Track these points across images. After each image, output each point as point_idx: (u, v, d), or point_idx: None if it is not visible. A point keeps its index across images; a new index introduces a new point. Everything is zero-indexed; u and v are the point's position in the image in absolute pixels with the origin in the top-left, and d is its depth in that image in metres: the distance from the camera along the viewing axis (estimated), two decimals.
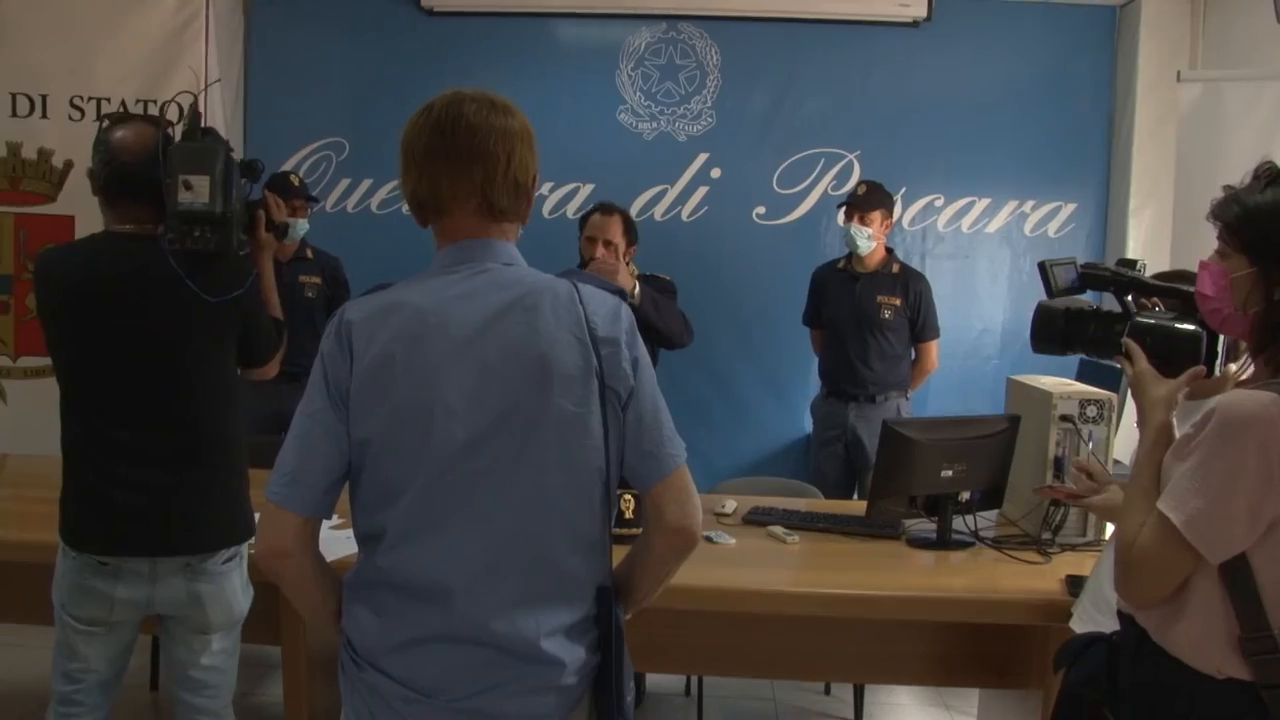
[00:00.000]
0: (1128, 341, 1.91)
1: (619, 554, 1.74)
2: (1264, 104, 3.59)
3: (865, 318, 4.57)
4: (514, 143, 1.62)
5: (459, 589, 1.55)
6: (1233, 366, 1.91)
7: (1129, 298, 2.09)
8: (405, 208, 1.70)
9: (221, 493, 2.40)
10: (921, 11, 5.25)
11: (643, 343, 1.65)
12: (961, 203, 5.42)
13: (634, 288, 3.73)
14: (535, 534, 1.57)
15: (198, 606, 2.38)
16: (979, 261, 5.44)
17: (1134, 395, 1.86)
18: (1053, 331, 2.12)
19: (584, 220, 4.08)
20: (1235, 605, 1.63)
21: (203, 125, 2.36)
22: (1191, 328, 1.92)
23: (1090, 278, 2.14)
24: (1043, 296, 2.17)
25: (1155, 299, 2.17)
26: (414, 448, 1.54)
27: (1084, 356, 2.17)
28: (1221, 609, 1.65)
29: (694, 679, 3.86)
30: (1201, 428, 1.63)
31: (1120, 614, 1.83)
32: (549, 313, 1.57)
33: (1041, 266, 2.15)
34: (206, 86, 4.58)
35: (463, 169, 1.59)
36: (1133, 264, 2.23)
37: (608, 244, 3.93)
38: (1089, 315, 2.09)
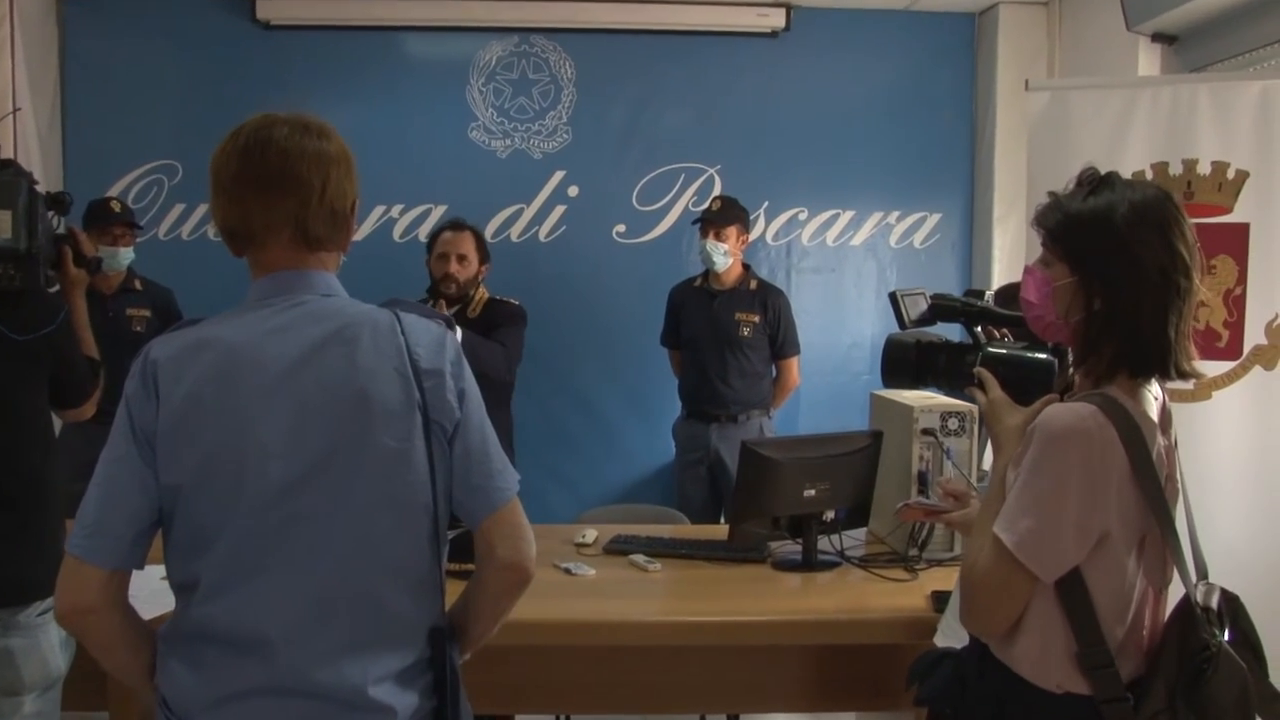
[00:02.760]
0: (980, 371, 1.94)
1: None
2: (1109, 112, 3.74)
3: (724, 335, 4.63)
4: (329, 168, 1.61)
5: (279, 638, 1.52)
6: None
7: (979, 328, 2.13)
8: None
9: (35, 539, 2.32)
10: (780, 21, 5.36)
11: (468, 366, 1.65)
12: (826, 215, 5.54)
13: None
14: (361, 577, 1.56)
15: (9, 664, 2.30)
16: (845, 275, 5.56)
17: (988, 424, 1.90)
18: (904, 364, 2.14)
19: (433, 239, 4.09)
20: (1071, 621, 1.68)
21: (4, 156, 2.34)
22: (1044, 357, 1.97)
23: (941, 309, 2.17)
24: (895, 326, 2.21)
25: (1005, 329, 2.24)
26: (228, 492, 1.52)
27: (937, 391, 2.18)
28: (1059, 625, 1.69)
29: (562, 718, 3.83)
30: (1028, 446, 1.68)
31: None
32: (369, 345, 1.57)
33: (893, 298, 2.18)
34: (14, 112, 4.40)
35: (275, 197, 1.59)
36: (980, 294, 2.26)
37: (461, 259, 3.98)
38: (939, 347, 2.11)
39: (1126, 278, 1.68)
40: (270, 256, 1.62)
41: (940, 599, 2.71)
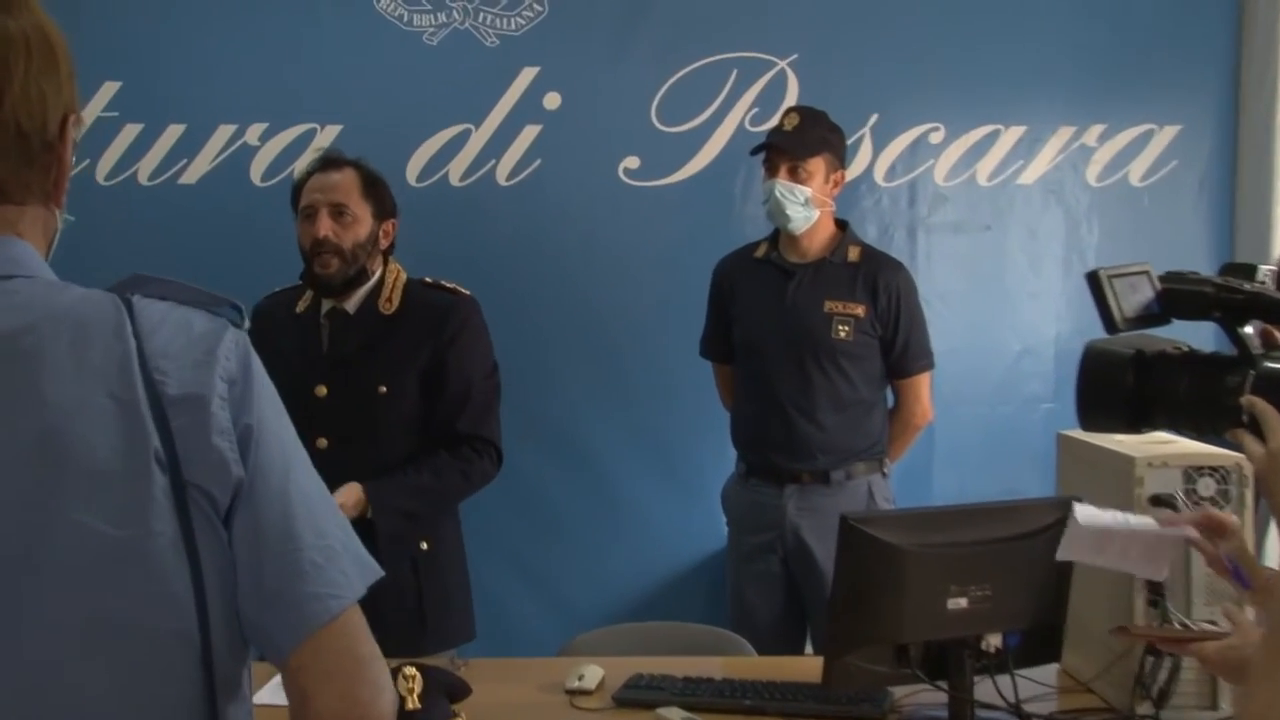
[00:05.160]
0: (1254, 401, 1.88)
1: None
2: None
3: (806, 339, 4.47)
4: (14, 58, 1.55)
5: None
6: None
7: (1248, 329, 2.02)
8: None
9: None
10: None
11: (265, 386, 1.61)
12: (976, 135, 5.37)
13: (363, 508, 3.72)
14: None
15: None
16: (1010, 235, 5.42)
17: (1267, 490, 1.86)
18: (1115, 390, 2.07)
19: (298, 189, 4.01)
20: None
21: None
22: None
23: (1181, 296, 2.07)
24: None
25: None
26: None
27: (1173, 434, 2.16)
28: None
29: None
30: None
31: None
32: (65, 359, 1.51)
33: (1094, 280, 2.08)
34: None
35: None
36: (1252, 269, 2.22)
37: (339, 213, 3.86)
38: (1179, 362, 2.06)
39: None
40: None
41: None
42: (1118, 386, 2.07)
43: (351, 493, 3.67)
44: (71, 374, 1.50)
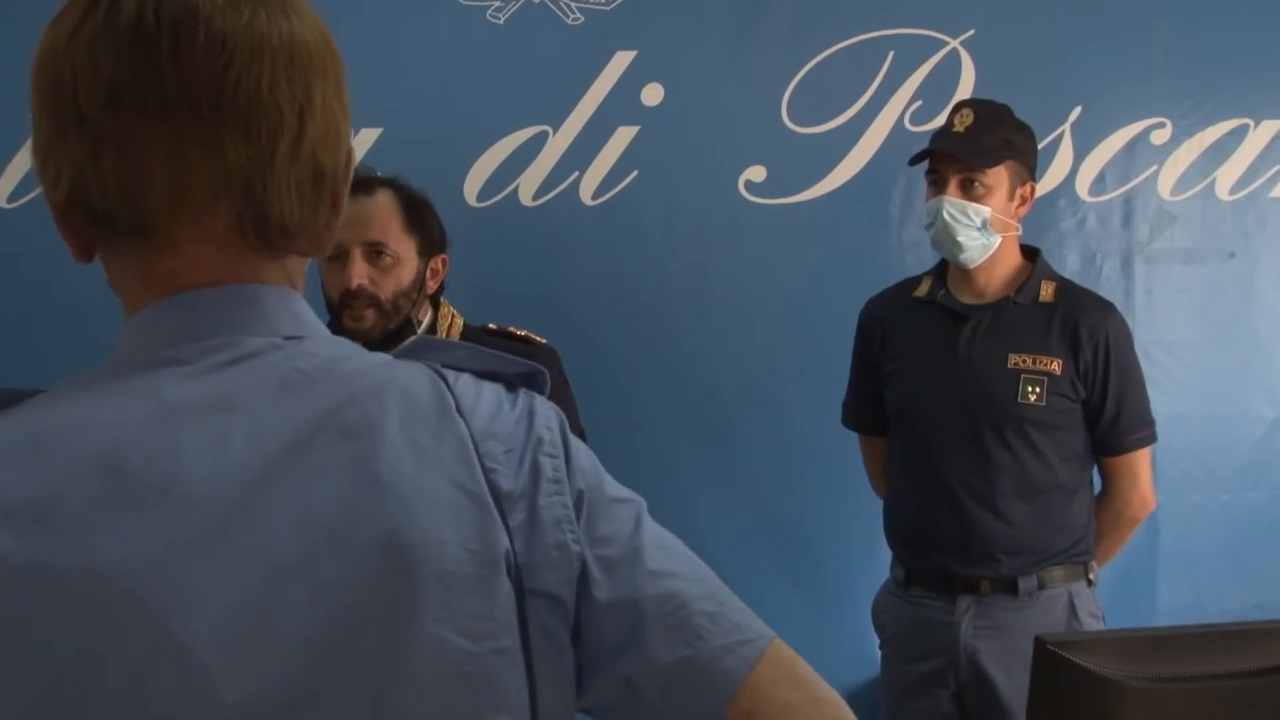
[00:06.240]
0: None
1: None
2: None
3: (983, 404, 4.32)
4: (311, 80, 1.58)
5: None
6: None
7: None
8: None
9: None
10: None
11: (578, 445, 1.68)
12: (1215, 133, 5.29)
13: None
14: None
15: None
16: (1261, 264, 5.35)
17: None
18: None
19: None
20: None
21: None
22: None
23: None
24: None
25: None
26: None
27: None
28: None
29: None
30: None
31: None
32: (399, 436, 1.54)
33: None
34: None
35: (204, 139, 1.51)
36: None
37: (375, 253, 3.85)
38: None
39: None
40: (183, 260, 1.58)
41: None
42: None
43: None
44: (410, 457, 1.52)
